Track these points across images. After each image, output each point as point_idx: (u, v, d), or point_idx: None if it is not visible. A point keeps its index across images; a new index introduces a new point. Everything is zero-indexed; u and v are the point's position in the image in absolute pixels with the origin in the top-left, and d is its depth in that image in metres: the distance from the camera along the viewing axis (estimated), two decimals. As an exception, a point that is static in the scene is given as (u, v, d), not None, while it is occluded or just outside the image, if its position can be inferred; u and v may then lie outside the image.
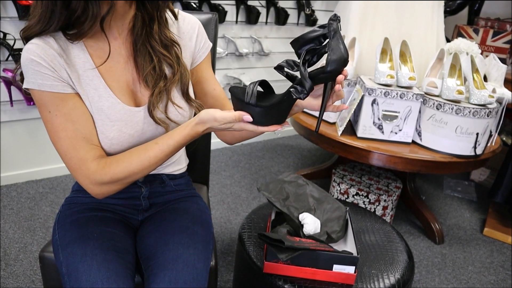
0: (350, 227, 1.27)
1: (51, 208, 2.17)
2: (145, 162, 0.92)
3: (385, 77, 1.89)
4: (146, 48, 0.96)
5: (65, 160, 0.92)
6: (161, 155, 0.92)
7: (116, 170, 0.91)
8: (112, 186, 0.93)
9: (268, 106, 0.84)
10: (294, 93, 0.82)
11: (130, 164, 0.92)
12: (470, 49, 2.01)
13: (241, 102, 0.85)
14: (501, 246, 2.24)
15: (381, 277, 1.18)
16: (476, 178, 2.97)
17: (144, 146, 0.94)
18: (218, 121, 0.86)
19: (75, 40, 0.88)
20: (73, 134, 0.90)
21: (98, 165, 0.91)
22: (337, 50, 0.79)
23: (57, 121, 0.89)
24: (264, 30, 3.04)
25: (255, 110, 0.84)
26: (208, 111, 0.88)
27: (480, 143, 1.88)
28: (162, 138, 0.93)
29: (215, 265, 1.12)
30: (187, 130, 0.90)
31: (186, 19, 1.05)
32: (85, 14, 0.83)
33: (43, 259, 1.10)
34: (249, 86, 0.84)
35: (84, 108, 0.92)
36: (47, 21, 0.85)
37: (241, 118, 0.84)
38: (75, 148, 0.90)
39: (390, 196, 2.15)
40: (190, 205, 1.15)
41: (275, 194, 1.30)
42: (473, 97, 1.82)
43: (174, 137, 0.91)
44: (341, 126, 1.97)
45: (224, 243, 2.02)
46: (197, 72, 1.09)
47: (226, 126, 0.87)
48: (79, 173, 0.92)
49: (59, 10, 0.83)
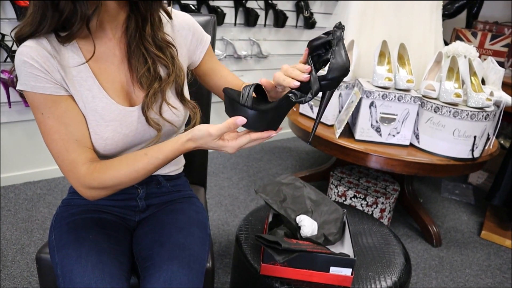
0: (347, 229, 1.27)
1: (49, 209, 2.17)
2: (133, 173, 0.91)
3: (383, 79, 1.89)
4: (140, 50, 0.96)
5: (58, 162, 0.92)
6: (149, 167, 0.91)
7: (104, 177, 0.90)
8: (102, 191, 0.93)
9: (263, 109, 0.83)
10: (293, 98, 0.81)
11: (118, 173, 0.91)
12: (468, 52, 2.02)
13: (235, 104, 0.83)
14: (498, 249, 2.24)
15: (378, 279, 1.18)
16: (474, 181, 2.98)
17: (133, 156, 0.92)
18: (213, 135, 0.84)
19: (66, 42, 0.88)
20: (65, 136, 0.90)
21: (88, 169, 0.90)
22: (340, 58, 0.79)
23: (50, 123, 0.89)
24: (262, 33, 3.04)
25: (250, 113, 0.83)
26: (201, 128, 0.86)
27: (478, 146, 1.88)
28: (151, 149, 0.91)
29: (212, 267, 1.12)
30: (177, 145, 0.89)
31: (179, 17, 1.05)
32: (74, 15, 0.83)
33: (39, 261, 1.10)
34: (244, 89, 0.83)
35: (77, 110, 0.92)
36: (38, 23, 0.84)
37: (235, 124, 0.83)
38: (67, 151, 0.90)
39: (388, 199, 2.15)
40: (186, 206, 1.15)
41: (272, 196, 1.30)
42: (471, 100, 1.82)
43: (164, 151, 0.90)
44: (339, 129, 1.97)
45: (221, 245, 2.02)
46: (203, 65, 1.11)
47: (219, 143, 0.86)
48: (70, 175, 0.92)
49: (50, 12, 0.83)
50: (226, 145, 0.87)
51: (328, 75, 0.80)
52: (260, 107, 0.83)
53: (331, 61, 0.79)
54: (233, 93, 0.86)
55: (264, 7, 2.93)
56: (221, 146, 0.87)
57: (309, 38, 3.23)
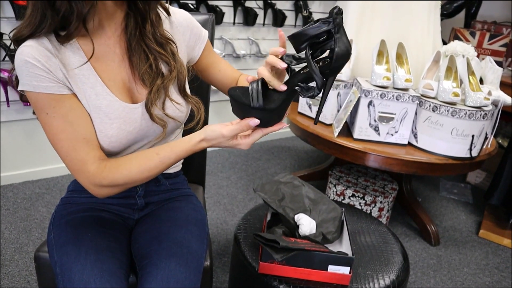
0: (345, 228, 1.27)
1: (47, 208, 2.17)
2: (145, 172, 0.93)
3: (381, 79, 1.89)
4: (141, 47, 0.96)
5: (66, 161, 0.92)
6: (161, 166, 0.94)
7: (116, 176, 0.92)
8: (112, 189, 0.94)
9: (274, 108, 0.85)
10: (302, 92, 0.83)
11: (129, 172, 0.92)
12: (466, 52, 2.02)
13: (245, 107, 0.85)
14: (496, 248, 2.24)
15: (376, 277, 1.19)
16: (472, 180, 2.98)
17: (144, 155, 0.94)
18: (226, 136, 0.88)
19: (65, 42, 0.88)
20: (72, 135, 0.90)
21: (98, 168, 0.91)
22: (343, 45, 0.79)
23: (55, 123, 0.88)
24: (261, 32, 3.04)
25: (262, 114, 0.85)
26: (214, 129, 0.89)
27: (476, 145, 1.89)
28: (163, 149, 0.93)
29: (210, 265, 1.12)
30: (189, 145, 0.92)
31: (177, 14, 1.05)
32: (71, 14, 0.83)
33: (38, 259, 1.10)
34: (251, 89, 0.85)
35: (81, 108, 0.92)
36: (37, 24, 0.84)
37: (248, 126, 0.87)
38: (75, 150, 0.90)
39: (386, 198, 2.15)
40: (185, 204, 1.15)
41: (270, 195, 1.31)
42: (469, 100, 1.83)
43: (176, 150, 0.93)
44: (337, 128, 1.98)
45: (220, 244, 2.02)
46: (202, 60, 1.12)
47: (233, 142, 0.90)
48: (80, 174, 0.92)
49: (50, 12, 0.82)
50: (239, 142, 0.91)
51: (334, 63, 0.80)
52: (270, 106, 0.85)
53: (336, 50, 0.79)
54: (239, 95, 0.86)
55: (263, 7, 2.93)
56: (235, 145, 0.91)
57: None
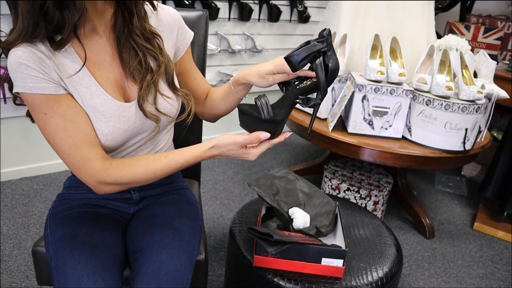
0: (339, 222, 1.29)
1: (45, 204, 2.18)
2: (150, 173, 0.95)
3: (375, 73, 1.90)
4: (130, 44, 0.97)
5: (68, 160, 0.92)
6: (168, 169, 0.96)
7: (121, 174, 0.93)
8: (116, 187, 0.96)
9: (280, 120, 0.92)
10: (303, 103, 0.96)
11: (135, 172, 0.94)
12: (460, 46, 2.03)
13: (255, 119, 0.91)
14: (490, 241, 2.27)
15: (369, 270, 1.20)
16: (467, 173, 3.00)
17: (153, 157, 0.96)
18: (238, 143, 0.91)
19: (57, 49, 0.87)
20: (74, 133, 0.90)
21: (103, 166, 0.92)
22: (334, 61, 0.94)
23: (55, 122, 0.89)
24: (256, 27, 3.04)
25: (272, 126, 0.92)
26: (226, 136, 0.92)
27: (469, 139, 1.90)
28: (172, 154, 0.96)
29: (205, 259, 1.14)
30: (199, 152, 0.95)
31: (165, 10, 1.06)
32: (64, 23, 0.83)
33: (36, 254, 1.12)
34: (260, 104, 0.91)
35: (79, 107, 0.92)
36: (30, 34, 0.83)
37: (259, 139, 0.91)
38: (78, 147, 0.91)
39: (381, 191, 2.17)
40: (179, 198, 1.17)
41: (265, 189, 1.32)
42: (462, 93, 1.84)
43: (185, 156, 0.95)
44: (332, 122, 1.99)
45: (216, 238, 2.04)
46: (181, 64, 1.12)
47: (242, 151, 0.94)
48: (83, 172, 0.93)
49: (43, 23, 0.82)
50: (248, 152, 0.94)
51: (329, 77, 0.95)
52: (277, 118, 0.92)
53: (330, 66, 0.94)
54: (249, 110, 0.92)
55: (258, 2, 2.93)
56: (244, 154, 0.94)
57: (303, 32, 3.26)
